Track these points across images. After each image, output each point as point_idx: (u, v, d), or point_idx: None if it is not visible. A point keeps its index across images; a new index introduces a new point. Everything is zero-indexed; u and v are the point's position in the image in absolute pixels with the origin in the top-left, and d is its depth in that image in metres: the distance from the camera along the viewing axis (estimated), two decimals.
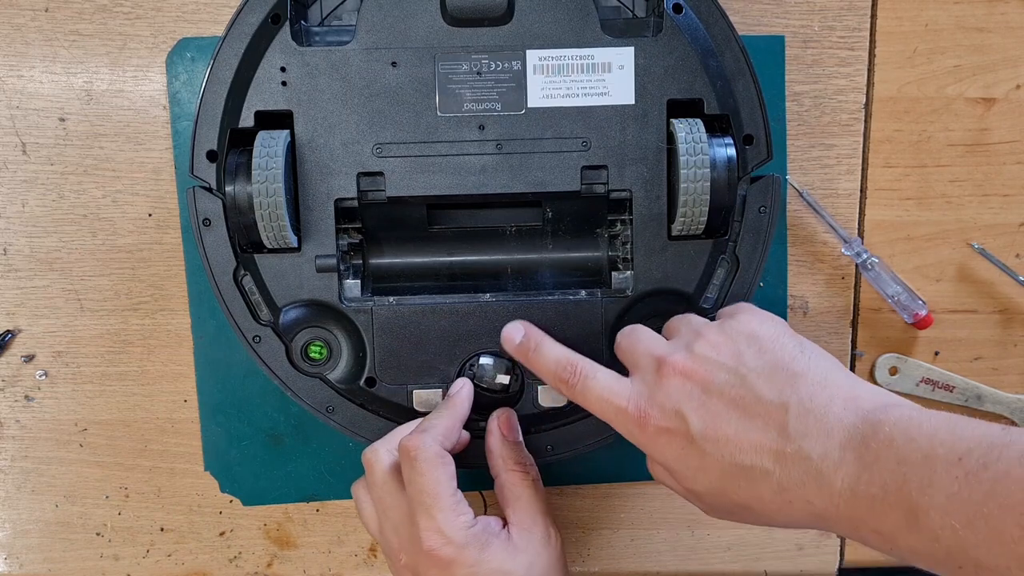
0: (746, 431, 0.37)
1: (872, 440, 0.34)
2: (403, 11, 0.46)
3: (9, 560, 0.55)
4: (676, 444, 0.38)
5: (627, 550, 0.57)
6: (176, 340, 0.54)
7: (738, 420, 0.37)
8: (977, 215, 0.55)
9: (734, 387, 0.38)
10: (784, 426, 0.36)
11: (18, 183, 0.53)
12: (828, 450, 0.35)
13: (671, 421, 0.38)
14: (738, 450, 0.37)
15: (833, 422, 0.35)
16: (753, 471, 0.36)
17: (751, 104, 0.47)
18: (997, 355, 0.56)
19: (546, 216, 0.49)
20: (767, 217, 0.47)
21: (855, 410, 0.35)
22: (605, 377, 0.41)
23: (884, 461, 0.33)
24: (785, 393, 0.37)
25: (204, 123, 0.46)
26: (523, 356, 0.45)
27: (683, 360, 0.39)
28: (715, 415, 0.37)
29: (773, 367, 0.38)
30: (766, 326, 0.40)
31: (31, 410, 0.54)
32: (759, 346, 0.39)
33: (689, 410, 0.38)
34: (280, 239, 0.45)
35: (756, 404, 0.37)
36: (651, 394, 0.39)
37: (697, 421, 0.38)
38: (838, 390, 0.36)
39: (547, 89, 0.46)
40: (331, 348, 0.48)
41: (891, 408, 0.35)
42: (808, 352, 0.39)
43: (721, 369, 0.38)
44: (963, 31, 0.54)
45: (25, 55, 0.52)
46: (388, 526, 0.43)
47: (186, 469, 0.55)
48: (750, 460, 0.36)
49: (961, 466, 0.31)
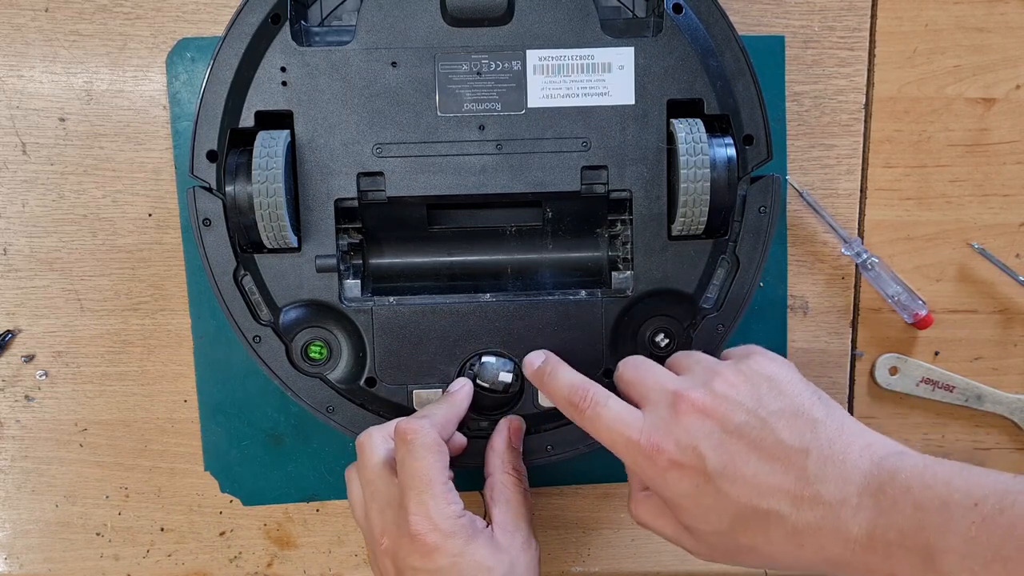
0: (765, 474, 0.37)
1: (889, 486, 0.34)
2: (403, 11, 0.46)
3: (9, 560, 0.55)
4: (689, 480, 0.38)
5: (627, 550, 0.57)
6: (176, 340, 0.54)
7: (757, 462, 0.37)
8: (977, 215, 0.55)
9: (754, 429, 0.38)
10: (804, 470, 0.36)
11: (18, 183, 0.53)
12: (847, 496, 0.35)
13: (686, 457, 0.38)
14: (756, 492, 0.37)
15: (851, 468, 0.36)
16: (768, 515, 0.36)
17: (751, 104, 0.47)
18: (997, 355, 0.56)
19: (546, 216, 0.49)
20: (767, 217, 0.47)
21: (870, 457, 0.36)
22: (616, 406, 0.41)
23: (901, 507, 0.33)
24: (806, 438, 0.37)
25: (204, 123, 0.46)
26: (539, 380, 0.45)
27: (702, 397, 0.39)
28: (734, 455, 0.37)
29: (793, 412, 0.38)
30: (782, 370, 0.40)
31: (31, 410, 0.54)
32: (779, 389, 0.39)
33: (707, 448, 0.38)
34: (280, 239, 0.45)
35: (776, 447, 0.37)
36: (667, 429, 0.39)
37: (715, 459, 0.37)
38: (854, 437, 0.37)
39: (547, 89, 0.46)
40: (331, 348, 0.48)
41: (905, 455, 0.35)
42: (823, 399, 0.39)
43: (740, 409, 0.38)
44: (963, 31, 0.54)
45: (25, 55, 0.52)
46: (374, 508, 0.42)
47: (186, 469, 0.55)
48: (767, 503, 0.36)
49: (978, 511, 0.32)
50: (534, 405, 0.48)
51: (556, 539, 0.56)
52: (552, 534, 0.56)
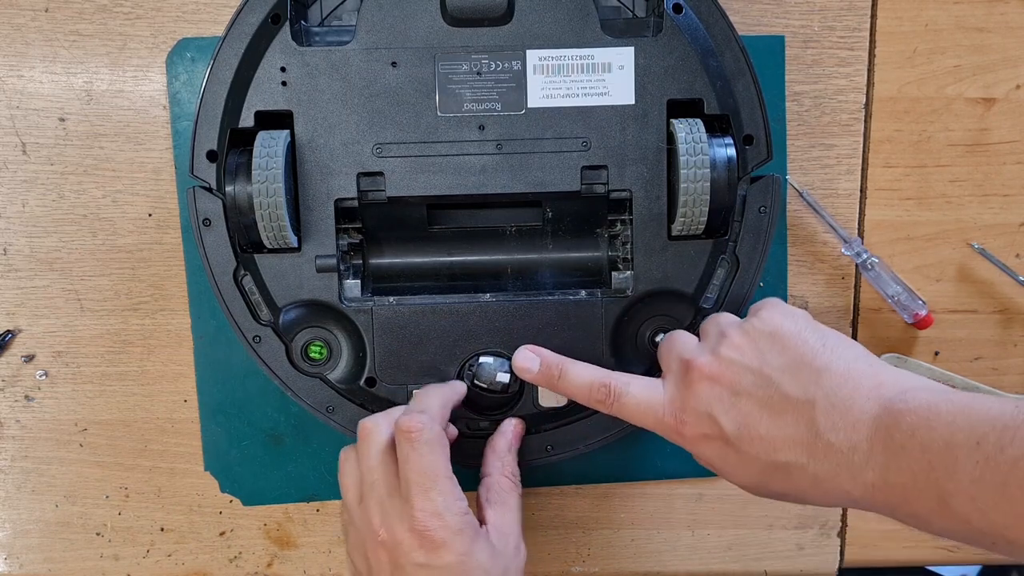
0: (778, 429, 0.38)
1: (895, 431, 0.35)
2: (403, 11, 0.46)
3: (9, 560, 0.55)
4: (714, 446, 0.40)
5: (627, 550, 0.57)
6: (176, 340, 0.54)
7: (769, 419, 0.38)
8: (977, 215, 0.55)
9: (760, 387, 0.39)
10: (813, 421, 0.37)
11: (18, 183, 0.53)
12: (856, 443, 0.36)
13: (706, 426, 0.40)
14: (773, 448, 0.38)
15: (858, 414, 0.36)
16: (789, 466, 0.38)
17: (751, 104, 0.47)
18: (997, 355, 0.56)
19: (546, 216, 0.49)
20: (767, 217, 0.47)
21: (878, 399, 0.36)
22: (638, 389, 0.43)
23: (910, 450, 0.34)
24: (810, 389, 0.38)
25: (204, 123, 0.46)
26: (549, 383, 0.45)
27: (708, 364, 0.41)
28: (746, 416, 0.39)
29: (797, 364, 0.39)
30: (788, 321, 0.41)
31: (31, 410, 0.54)
32: (781, 344, 0.40)
33: (720, 413, 0.40)
34: (280, 239, 0.45)
35: (783, 402, 0.38)
36: (683, 401, 0.41)
37: (730, 424, 0.39)
38: (861, 380, 0.37)
39: (547, 89, 0.46)
40: (331, 348, 0.48)
41: (911, 394, 0.36)
42: (830, 345, 0.39)
43: (746, 371, 0.40)
44: (963, 31, 0.54)
45: (25, 55, 0.52)
46: (373, 499, 0.42)
47: (186, 469, 0.55)
48: (785, 457, 0.38)
49: (980, 451, 0.32)
50: (534, 405, 0.48)
51: (556, 539, 0.56)
52: (552, 534, 0.56)
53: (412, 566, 0.40)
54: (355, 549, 0.43)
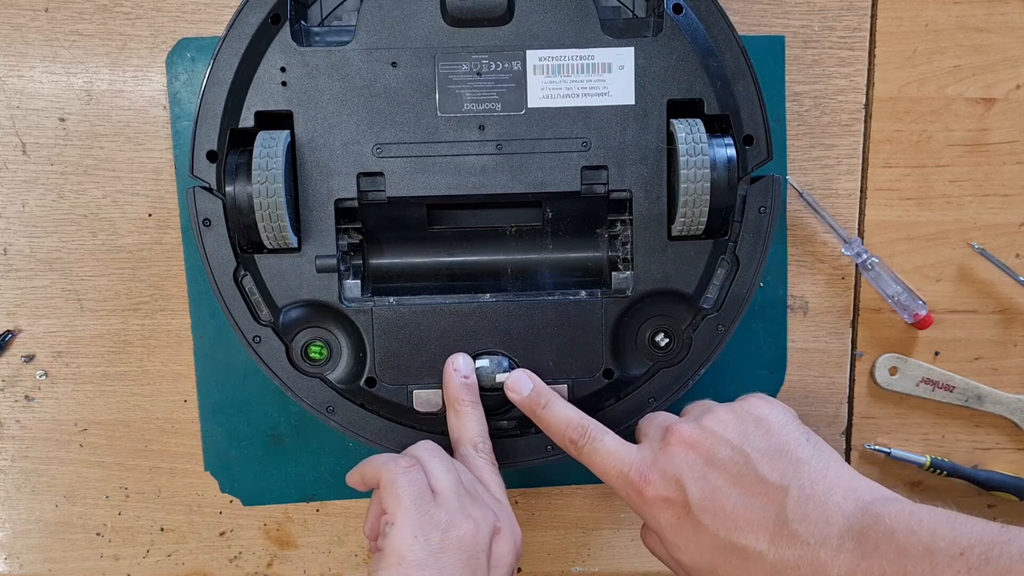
0: (744, 508, 0.37)
1: (872, 531, 0.34)
2: (403, 11, 0.46)
3: (9, 560, 0.55)
4: (672, 512, 0.39)
5: (627, 550, 0.57)
6: (176, 340, 0.54)
7: (737, 496, 0.38)
8: (977, 215, 0.55)
9: (737, 464, 0.38)
10: (783, 508, 0.36)
11: (18, 183, 0.53)
12: (827, 536, 0.35)
13: (670, 489, 0.39)
14: (735, 527, 0.37)
15: (833, 509, 0.36)
16: (747, 551, 0.37)
17: (751, 104, 0.47)
18: (997, 355, 0.56)
19: (546, 216, 0.49)
20: (767, 217, 0.47)
21: (855, 500, 0.36)
22: (612, 441, 0.42)
23: (884, 552, 0.33)
24: (787, 476, 0.37)
25: (204, 123, 0.46)
26: (530, 410, 0.45)
27: (689, 430, 0.40)
28: (715, 488, 0.38)
29: (778, 450, 0.38)
30: (776, 412, 0.41)
31: (31, 410, 0.54)
32: (766, 428, 0.39)
33: (689, 480, 0.39)
34: (280, 239, 0.45)
35: (757, 483, 0.38)
36: (654, 461, 0.40)
37: (696, 491, 0.38)
38: (839, 480, 0.37)
39: (547, 89, 0.46)
40: (331, 348, 0.48)
41: (891, 502, 0.35)
42: (813, 441, 0.39)
43: (726, 444, 0.39)
44: (963, 31, 0.54)
45: (25, 55, 0.52)
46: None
47: (186, 469, 0.55)
48: (745, 539, 0.37)
49: (963, 561, 0.31)
50: None
51: (556, 539, 0.56)
52: (552, 534, 0.56)
53: None
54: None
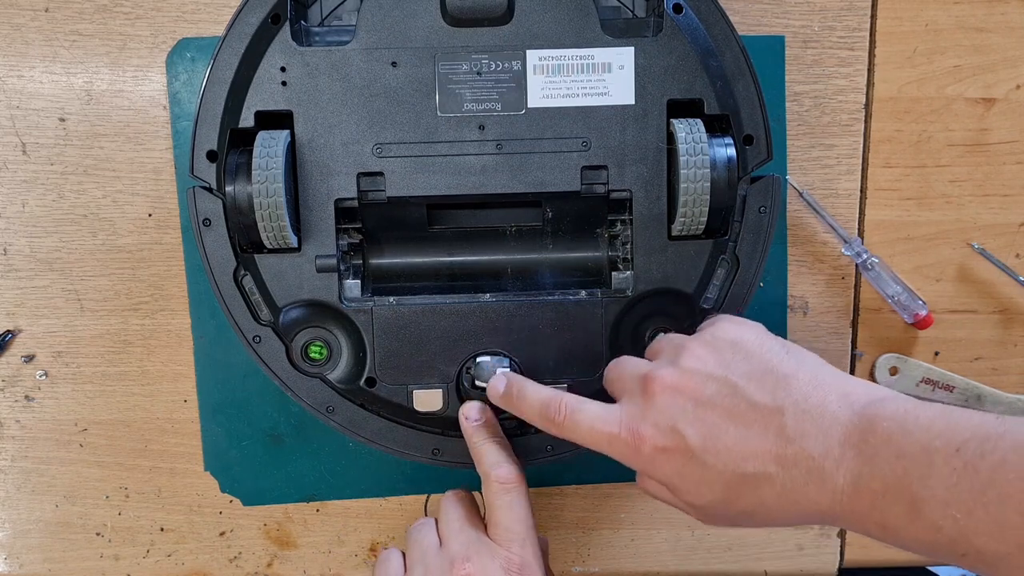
0: (745, 439, 0.37)
1: (870, 435, 0.34)
2: (403, 11, 0.46)
3: (9, 560, 0.55)
4: (675, 461, 0.38)
5: (627, 550, 0.57)
6: (176, 340, 0.54)
7: (736, 429, 0.37)
8: (977, 215, 0.55)
9: (727, 396, 0.37)
10: (782, 429, 0.36)
11: (18, 183, 0.53)
12: (828, 448, 0.35)
13: (667, 439, 0.38)
14: (740, 459, 0.36)
15: (830, 420, 0.35)
16: (757, 478, 0.36)
17: (751, 104, 0.47)
18: (997, 355, 0.56)
19: (546, 216, 0.49)
20: (767, 217, 0.47)
21: (849, 406, 0.35)
22: (592, 407, 0.41)
23: (883, 455, 0.33)
24: (779, 396, 0.37)
25: (204, 123, 0.46)
26: (508, 404, 0.44)
27: (670, 375, 0.39)
28: (712, 427, 0.37)
29: (762, 372, 0.38)
30: (747, 331, 0.40)
31: (31, 410, 0.54)
32: (744, 352, 0.39)
33: (685, 425, 0.38)
34: (280, 239, 0.45)
35: (751, 411, 0.37)
36: (643, 414, 0.39)
37: (695, 435, 0.37)
38: (830, 388, 0.37)
39: (547, 89, 0.46)
40: (331, 348, 0.48)
41: (885, 402, 0.35)
42: (793, 353, 0.39)
43: (710, 380, 0.38)
44: (963, 31, 0.54)
45: (25, 55, 0.52)
46: None
47: (186, 469, 0.55)
48: (752, 467, 0.36)
49: (959, 457, 0.31)
50: None
51: (556, 539, 0.56)
52: (552, 534, 0.56)
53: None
54: None
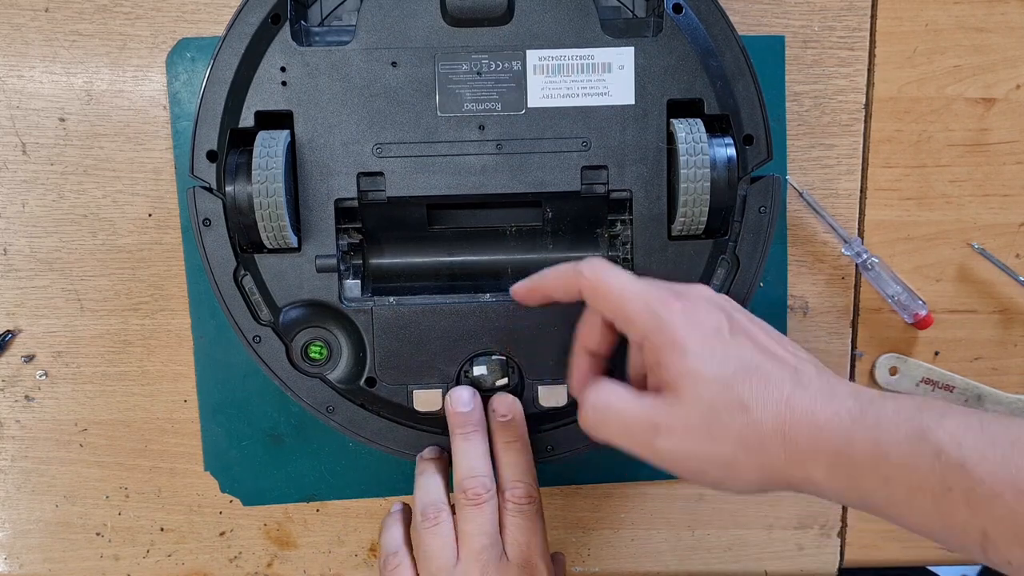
0: (773, 345, 0.38)
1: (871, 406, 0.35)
2: (403, 11, 0.46)
3: (9, 560, 0.55)
4: (716, 317, 0.38)
5: (627, 550, 0.57)
6: (176, 340, 0.54)
7: (766, 338, 0.38)
8: (977, 215, 0.55)
9: (754, 321, 0.39)
10: (796, 370, 0.37)
11: (18, 183, 0.53)
12: (835, 394, 0.36)
13: (714, 299, 0.39)
14: (766, 355, 0.37)
15: (838, 385, 0.37)
16: (771, 376, 0.36)
17: (751, 104, 0.47)
18: (997, 355, 0.56)
19: (546, 216, 0.49)
20: (767, 217, 0.47)
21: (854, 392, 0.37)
22: (621, 273, 0.40)
23: (896, 400, 0.35)
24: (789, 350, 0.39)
25: (204, 123, 0.46)
26: (531, 296, 0.44)
27: (702, 290, 0.40)
28: (746, 324, 0.39)
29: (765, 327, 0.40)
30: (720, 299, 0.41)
31: (31, 410, 0.54)
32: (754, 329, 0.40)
33: (726, 306, 0.39)
34: (280, 239, 0.45)
35: (775, 342, 0.39)
36: (679, 300, 0.39)
37: (737, 314, 0.39)
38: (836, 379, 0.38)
39: (547, 89, 0.46)
40: (331, 348, 0.48)
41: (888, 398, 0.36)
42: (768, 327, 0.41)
43: (723, 309, 0.39)
44: (963, 31, 0.54)
45: (25, 55, 0.52)
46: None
47: (186, 469, 0.55)
48: (771, 367, 0.37)
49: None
50: (534, 405, 0.48)
51: (556, 539, 0.56)
52: (552, 534, 0.56)
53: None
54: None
